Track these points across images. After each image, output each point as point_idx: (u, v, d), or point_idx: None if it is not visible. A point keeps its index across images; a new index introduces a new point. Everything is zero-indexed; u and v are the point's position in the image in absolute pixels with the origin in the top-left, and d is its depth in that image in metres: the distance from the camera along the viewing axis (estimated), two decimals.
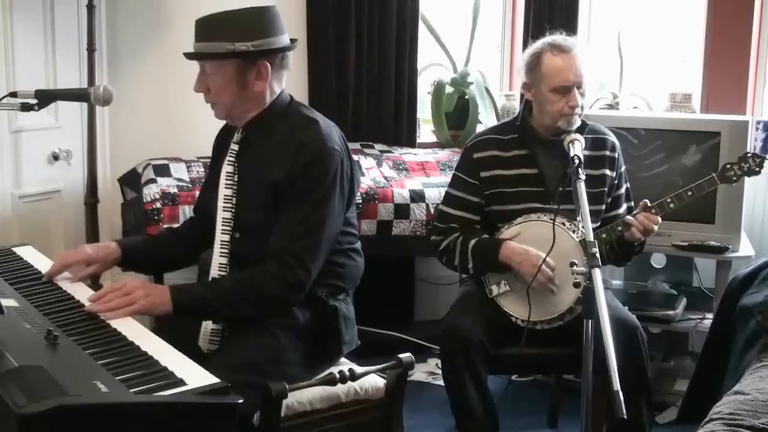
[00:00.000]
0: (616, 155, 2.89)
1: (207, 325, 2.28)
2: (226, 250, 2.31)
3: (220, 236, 2.32)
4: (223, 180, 2.34)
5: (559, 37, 2.77)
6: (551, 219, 2.63)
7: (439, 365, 2.88)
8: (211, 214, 2.38)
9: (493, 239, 2.75)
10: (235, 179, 2.33)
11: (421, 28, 4.19)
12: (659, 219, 2.73)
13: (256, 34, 2.22)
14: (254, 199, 2.29)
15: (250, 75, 2.25)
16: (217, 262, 2.32)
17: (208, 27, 2.24)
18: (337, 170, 2.24)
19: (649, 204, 2.72)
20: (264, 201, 2.26)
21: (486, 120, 4.17)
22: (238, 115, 2.32)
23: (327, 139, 2.25)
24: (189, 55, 2.27)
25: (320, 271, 2.27)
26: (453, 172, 2.94)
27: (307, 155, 2.21)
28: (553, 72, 2.71)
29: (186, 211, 3.29)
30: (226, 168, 2.34)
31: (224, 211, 2.32)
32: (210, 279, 2.32)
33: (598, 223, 2.82)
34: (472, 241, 2.75)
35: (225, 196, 2.33)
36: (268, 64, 2.26)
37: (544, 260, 2.61)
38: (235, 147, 2.35)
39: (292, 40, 2.34)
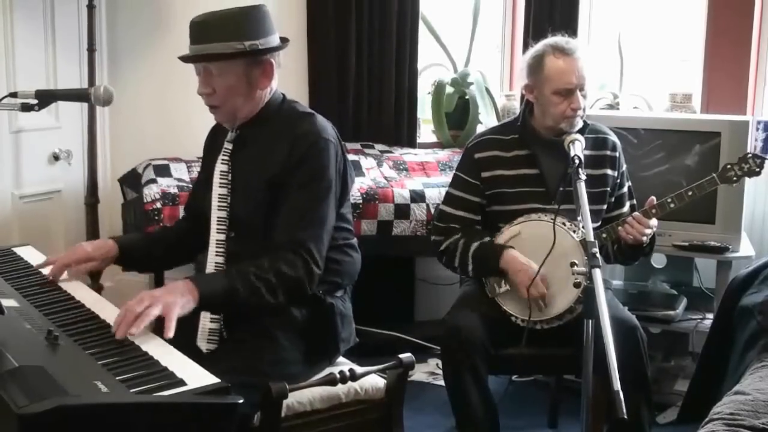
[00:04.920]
0: (617, 154, 2.88)
1: (205, 325, 2.26)
2: (221, 250, 2.30)
3: (216, 236, 2.31)
4: (217, 179, 2.33)
5: (561, 39, 2.76)
6: (552, 219, 2.63)
7: (440, 365, 2.88)
8: (204, 214, 2.37)
9: (495, 245, 2.75)
10: (230, 178, 2.32)
11: (422, 29, 4.19)
12: (652, 222, 2.72)
13: (260, 32, 2.22)
14: (250, 197, 2.28)
15: (256, 73, 2.25)
16: (213, 262, 2.30)
17: (210, 28, 2.21)
18: (334, 162, 2.24)
19: (655, 201, 2.73)
20: (260, 198, 2.25)
21: (486, 120, 4.17)
22: (242, 116, 2.30)
23: (322, 130, 2.25)
24: (196, 58, 2.23)
25: None
26: (454, 172, 2.93)
27: (303, 147, 2.21)
28: (555, 74, 2.71)
29: None
30: (220, 167, 2.33)
31: (219, 210, 2.31)
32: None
33: (599, 223, 2.82)
34: (474, 245, 2.75)
35: (220, 195, 2.32)
36: (273, 62, 2.27)
37: (538, 272, 2.60)
38: (228, 146, 2.34)
39: (282, 39, 2.34)
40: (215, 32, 2.20)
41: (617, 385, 1.89)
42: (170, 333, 1.88)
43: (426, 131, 4.40)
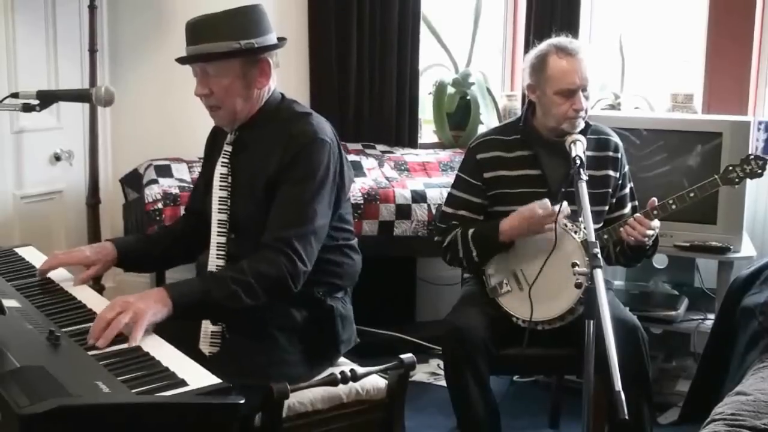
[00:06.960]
0: (619, 155, 2.88)
1: (207, 328, 2.26)
2: (222, 252, 2.29)
3: (216, 238, 2.30)
4: (217, 181, 2.33)
5: (564, 40, 2.75)
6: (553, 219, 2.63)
7: (441, 365, 2.88)
8: (204, 216, 2.37)
9: (489, 222, 2.75)
10: (230, 180, 2.32)
11: (423, 29, 4.19)
12: (654, 223, 2.72)
13: (256, 31, 2.22)
14: (250, 199, 2.28)
15: (253, 72, 2.24)
16: (214, 264, 2.30)
17: (205, 28, 2.21)
18: (328, 162, 2.22)
19: (657, 202, 2.72)
20: (259, 200, 2.24)
21: (487, 120, 4.18)
22: (241, 117, 2.29)
23: (318, 130, 2.24)
24: (192, 59, 2.23)
25: (317, 269, 2.24)
26: (456, 172, 2.93)
27: (297, 146, 2.20)
28: (558, 75, 2.70)
29: None
30: (220, 169, 2.33)
31: (219, 212, 2.31)
32: (206, 272, 2.28)
33: (601, 224, 2.81)
34: (471, 230, 2.75)
35: (220, 197, 2.31)
36: (270, 61, 2.26)
37: (560, 210, 2.59)
38: (228, 148, 2.33)
39: (279, 38, 2.34)
40: (210, 32, 2.19)
41: (618, 385, 1.89)
42: (135, 342, 1.83)
43: (427, 131, 4.40)
